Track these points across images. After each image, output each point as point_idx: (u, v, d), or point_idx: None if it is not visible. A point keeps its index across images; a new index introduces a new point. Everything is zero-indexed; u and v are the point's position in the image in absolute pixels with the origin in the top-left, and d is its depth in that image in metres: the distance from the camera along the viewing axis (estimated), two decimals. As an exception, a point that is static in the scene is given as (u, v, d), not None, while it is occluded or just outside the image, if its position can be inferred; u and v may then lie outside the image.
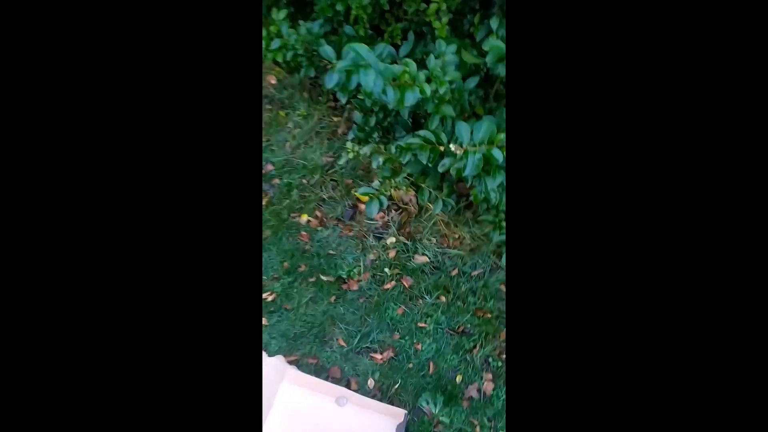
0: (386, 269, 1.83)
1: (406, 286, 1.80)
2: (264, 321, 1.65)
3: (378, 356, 1.61)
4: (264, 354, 1.49)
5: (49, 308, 0.49)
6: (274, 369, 1.42)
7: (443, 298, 1.78)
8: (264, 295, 1.70)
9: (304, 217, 1.94)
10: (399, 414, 1.42)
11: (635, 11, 0.53)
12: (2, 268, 0.48)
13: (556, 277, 0.54)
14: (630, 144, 0.54)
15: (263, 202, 1.93)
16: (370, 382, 1.56)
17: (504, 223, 1.71)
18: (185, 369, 0.51)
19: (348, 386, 1.54)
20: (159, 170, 0.52)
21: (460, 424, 1.51)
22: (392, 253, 1.89)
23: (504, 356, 1.67)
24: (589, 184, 0.54)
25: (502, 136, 1.32)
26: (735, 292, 0.50)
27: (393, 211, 2.05)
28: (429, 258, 1.90)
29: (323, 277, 1.77)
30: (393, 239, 1.94)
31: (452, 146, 1.30)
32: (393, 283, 1.80)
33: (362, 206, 2.06)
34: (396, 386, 1.56)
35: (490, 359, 1.65)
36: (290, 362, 1.57)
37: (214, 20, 0.53)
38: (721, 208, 0.51)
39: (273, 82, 2.19)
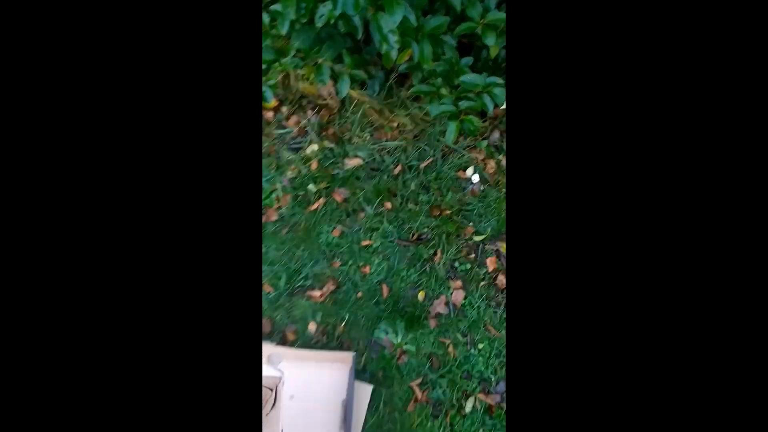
0: (310, 185, 1.45)
1: (339, 200, 1.43)
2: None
3: (316, 293, 1.29)
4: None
5: (45, 309, 0.50)
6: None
7: (388, 205, 1.41)
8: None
9: (196, 145, 1.52)
10: (346, 358, 1.12)
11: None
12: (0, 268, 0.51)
13: (558, 269, 0.53)
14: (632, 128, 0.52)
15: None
16: (312, 327, 1.25)
17: (443, 90, 1.29)
18: (184, 366, 0.51)
19: (283, 339, 1.24)
20: (156, 166, 0.53)
21: (429, 348, 1.22)
22: (315, 165, 1.49)
23: (472, 256, 1.34)
24: (591, 175, 0.53)
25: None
26: (735, 291, 0.50)
27: (309, 111, 1.62)
28: (363, 159, 1.50)
29: (232, 214, 1.40)
30: (315, 147, 1.54)
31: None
32: (322, 200, 1.43)
33: (268, 114, 1.63)
34: (343, 324, 1.25)
35: (456, 263, 1.32)
36: (206, 327, 1.25)
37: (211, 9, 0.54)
38: (721, 206, 0.51)
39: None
